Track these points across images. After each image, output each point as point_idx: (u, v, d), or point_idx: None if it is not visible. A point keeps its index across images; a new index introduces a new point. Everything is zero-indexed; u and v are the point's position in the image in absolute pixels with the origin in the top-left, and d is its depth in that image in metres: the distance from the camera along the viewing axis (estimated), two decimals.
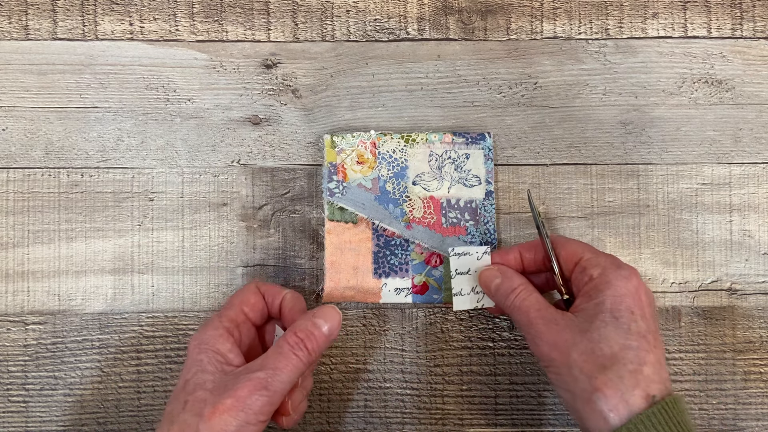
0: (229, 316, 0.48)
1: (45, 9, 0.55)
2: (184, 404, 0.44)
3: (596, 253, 0.47)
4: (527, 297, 0.47)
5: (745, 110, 0.55)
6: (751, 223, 0.55)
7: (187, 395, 0.44)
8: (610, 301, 0.44)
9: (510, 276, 0.49)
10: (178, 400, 0.44)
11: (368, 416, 0.54)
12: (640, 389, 0.41)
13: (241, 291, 0.49)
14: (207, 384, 0.44)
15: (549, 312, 0.46)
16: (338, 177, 0.53)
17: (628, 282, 0.45)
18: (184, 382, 0.45)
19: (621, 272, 0.45)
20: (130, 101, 0.55)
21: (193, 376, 0.45)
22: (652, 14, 0.56)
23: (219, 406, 0.42)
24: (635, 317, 0.44)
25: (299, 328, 0.46)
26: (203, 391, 0.44)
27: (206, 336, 0.46)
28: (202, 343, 0.46)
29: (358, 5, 0.56)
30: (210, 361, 0.45)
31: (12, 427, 0.53)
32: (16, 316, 0.53)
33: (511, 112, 0.55)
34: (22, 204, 0.54)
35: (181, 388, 0.45)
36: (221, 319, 0.47)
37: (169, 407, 0.44)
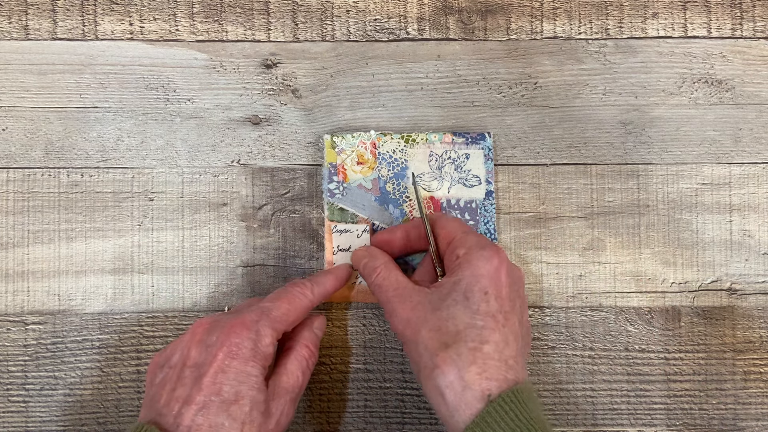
0: (280, 332, 0.46)
1: (45, 9, 0.55)
2: (242, 426, 0.42)
3: (468, 233, 0.48)
4: (387, 276, 0.48)
5: (745, 110, 0.55)
6: (751, 223, 0.55)
7: (244, 416, 0.43)
8: (466, 281, 0.45)
9: (375, 255, 0.50)
10: (232, 417, 0.42)
11: (368, 416, 0.54)
12: (476, 366, 0.42)
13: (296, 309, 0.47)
14: (260, 406, 0.44)
15: (406, 290, 0.47)
16: (338, 177, 0.53)
17: (488, 263, 0.45)
18: (236, 394, 0.43)
19: (483, 252, 0.45)
20: (130, 101, 0.55)
21: (248, 392, 0.43)
22: (652, 14, 0.56)
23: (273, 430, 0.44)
24: (488, 297, 0.44)
25: (310, 341, 0.49)
26: (258, 414, 0.43)
27: (261, 352, 0.45)
28: (257, 356, 0.44)
29: (358, 5, 0.56)
30: (260, 380, 0.44)
31: (12, 427, 0.53)
32: (16, 316, 0.53)
33: (511, 112, 0.55)
34: (22, 204, 0.54)
35: (233, 401, 0.43)
36: (274, 334, 0.46)
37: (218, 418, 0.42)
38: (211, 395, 0.43)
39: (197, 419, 0.42)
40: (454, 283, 0.45)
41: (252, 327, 0.45)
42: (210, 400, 0.42)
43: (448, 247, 0.48)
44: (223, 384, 0.43)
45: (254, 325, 0.45)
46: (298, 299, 0.48)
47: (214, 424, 0.42)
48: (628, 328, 0.54)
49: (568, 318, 0.54)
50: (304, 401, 0.53)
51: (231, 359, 0.44)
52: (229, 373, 0.43)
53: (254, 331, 0.45)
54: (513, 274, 0.46)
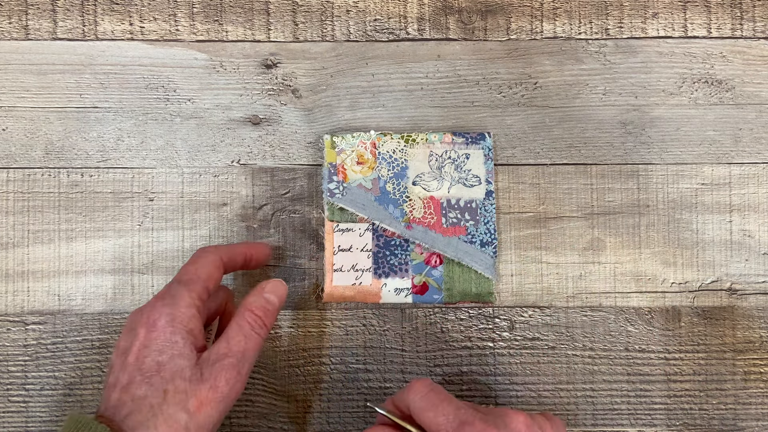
0: (198, 292, 0.45)
1: (45, 9, 0.55)
2: (164, 394, 0.42)
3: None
4: None
5: (745, 110, 0.55)
6: (751, 223, 0.55)
7: (166, 383, 0.42)
8: None
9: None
10: (153, 386, 0.42)
11: (368, 416, 0.54)
12: None
13: (205, 264, 0.47)
14: (185, 372, 0.43)
15: None
16: (338, 177, 0.53)
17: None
18: (157, 364, 0.43)
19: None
20: (130, 101, 0.55)
21: (170, 361, 0.43)
22: (652, 14, 0.56)
23: (202, 398, 0.42)
24: None
25: (255, 305, 0.47)
26: (182, 380, 0.43)
27: (180, 314, 0.44)
28: (176, 321, 0.44)
29: (358, 5, 0.56)
30: (186, 345, 0.43)
31: (12, 427, 0.53)
32: (16, 316, 0.53)
33: (511, 112, 0.55)
34: (22, 204, 0.54)
35: (154, 371, 0.43)
36: (191, 295, 0.45)
37: (139, 390, 0.42)
38: (134, 373, 0.43)
39: (122, 397, 0.42)
40: None
41: (165, 296, 0.45)
42: (133, 378, 0.43)
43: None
44: (145, 358, 0.43)
45: (166, 295, 0.45)
46: (203, 256, 0.47)
47: (136, 396, 0.42)
48: (628, 328, 0.54)
49: (568, 318, 0.54)
50: (303, 401, 0.53)
51: (150, 332, 0.43)
52: (151, 346, 0.43)
53: (168, 298, 0.44)
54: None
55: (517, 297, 0.55)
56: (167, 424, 0.41)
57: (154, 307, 0.44)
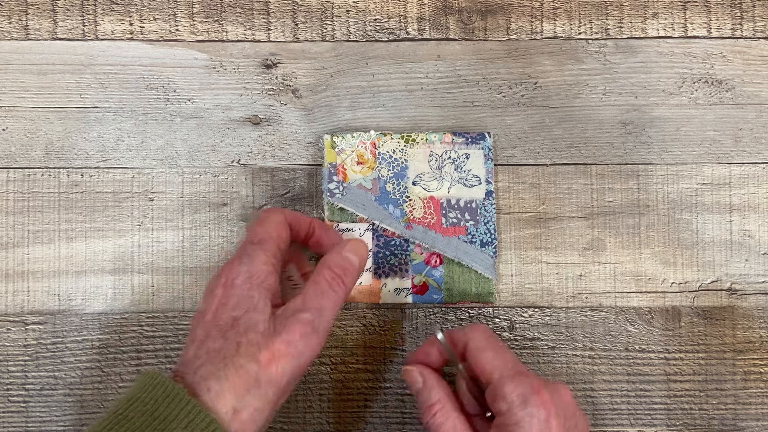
0: (272, 251, 0.46)
1: (45, 9, 0.55)
2: (237, 346, 0.42)
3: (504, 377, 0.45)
4: (444, 421, 0.46)
5: (745, 110, 0.55)
6: (751, 223, 0.55)
7: (239, 336, 0.42)
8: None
9: (429, 386, 0.47)
10: (228, 339, 0.42)
11: (368, 416, 0.54)
12: None
13: (273, 224, 0.47)
14: (259, 326, 0.43)
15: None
16: (338, 177, 0.53)
17: (536, 419, 0.43)
18: (232, 319, 0.43)
19: (528, 410, 0.43)
20: (130, 101, 0.55)
21: (244, 315, 0.43)
22: (652, 14, 0.56)
23: (274, 351, 0.42)
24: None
25: (334, 263, 0.47)
26: (255, 333, 0.43)
27: (258, 270, 0.44)
28: (254, 277, 0.44)
29: (358, 5, 0.56)
30: (261, 300, 0.44)
31: (12, 427, 0.53)
32: (16, 316, 0.54)
33: (511, 112, 0.55)
34: (22, 204, 0.54)
35: (229, 326, 0.43)
36: (266, 253, 0.45)
37: (214, 344, 0.43)
38: (210, 328, 0.43)
39: (197, 351, 0.43)
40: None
41: (241, 256, 0.45)
42: (209, 333, 0.43)
43: (488, 388, 0.46)
44: (222, 315, 0.43)
45: (242, 254, 0.45)
46: (270, 217, 0.47)
47: (210, 349, 0.42)
48: (628, 328, 0.54)
49: (568, 318, 0.54)
50: (303, 401, 0.53)
51: (228, 290, 0.44)
52: (228, 303, 0.44)
53: (245, 258, 0.45)
54: (562, 410, 0.44)
55: (517, 297, 0.55)
56: (237, 374, 0.42)
57: (231, 267, 0.45)
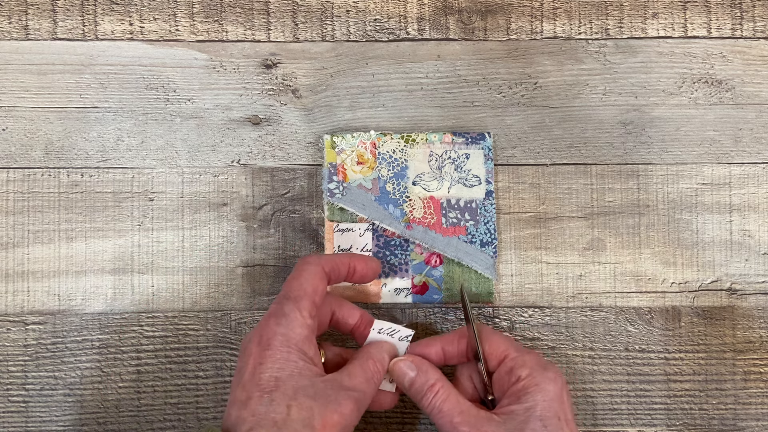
0: (308, 309, 0.45)
1: (45, 9, 0.55)
2: (288, 410, 0.41)
3: (521, 351, 0.46)
4: (447, 398, 0.46)
5: (745, 110, 0.55)
6: (751, 223, 0.55)
7: (289, 400, 0.42)
8: (540, 408, 0.44)
9: (425, 370, 0.47)
10: (275, 401, 0.42)
11: (368, 416, 0.54)
12: None
13: (309, 278, 0.46)
14: (308, 390, 0.42)
15: (476, 417, 0.45)
16: (338, 177, 0.53)
17: (555, 385, 0.45)
18: (276, 381, 0.42)
19: (548, 374, 0.45)
20: (130, 101, 0.55)
21: (289, 378, 0.42)
22: (652, 14, 0.56)
23: (328, 420, 0.42)
24: (561, 424, 0.44)
25: (377, 358, 0.47)
26: (306, 398, 0.42)
27: (294, 334, 0.44)
28: (291, 342, 0.43)
29: (358, 5, 0.56)
30: (305, 365, 0.43)
31: (12, 427, 0.53)
32: (16, 316, 0.53)
33: (511, 112, 0.55)
34: (22, 204, 0.54)
35: (274, 387, 0.42)
36: (302, 313, 0.44)
37: (261, 407, 0.42)
38: (252, 389, 0.42)
39: (241, 413, 0.42)
40: (527, 410, 0.44)
41: (277, 314, 0.44)
42: (251, 394, 0.42)
43: (499, 366, 0.47)
44: (262, 375, 0.43)
45: (279, 313, 0.44)
46: (306, 269, 0.46)
47: (257, 412, 0.41)
48: (628, 328, 0.54)
49: (568, 318, 0.54)
50: None
51: (265, 351, 0.43)
52: (266, 363, 0.43)
53: (281, 317, 0.44)
54: (568, 391, 0.46)
55: (517, 297, 0.55)
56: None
57: (268, 326, 0.44)
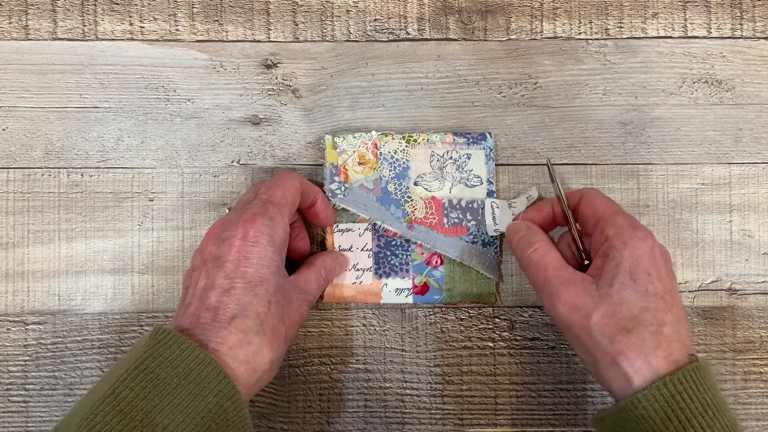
0: (288, 216, 0.47)
1: (45, 9, 0.55)
2: (268, 305, 0.44)
3: (616, 213, 0.47)
4: (546, 254, 0.47)
5: (745, 110, 0.55)
6: (751, 223, 0.55)
7: (270, 296, 0.44)
8: (627, 263, 0.44)
9: (534, 231, 0.49)
10: (259, 296, 0.44)
11: (368, 416, 0.54)
12: (661, 350, 0.42)
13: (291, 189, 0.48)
14: (282, 290, 0.46)
15: (567, 272, 0.46)
16: (340, 178, 0.53)
17: (644, 243, 0.44)
18: (260, 276, 0.44)
19: (637, 233, 0.45)
20: (130, 101, 0.55)
21: (272, 276, 0.45)
22: (652, 14, 0.56)
23: (293, 318, 0.47)
24: (652, 278, 0.44)
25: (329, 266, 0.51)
26: (281, 297, 0.46)
27: (278, 237, 0.46)
28: (274, 242, 0.45)
29: (358, 5, 0.56)
30: (280, 266, 0.46)
31: (12, 427, 0.53)
32: (16, 316, 0.53)
33: (511, 112, 0.55)
34: (22, 204, 0.54)
35: (258, 282, 0.44)
36: (284, 219, 0.47)
37: (245, 297, 0.43)
38: (235, 279, 0.44)
39: (223, 299, 0.43)
40: (616, 266, 0.44)
41: (263, 214, 0.46)
42: (235, 284, 0.44)
43: (595, 228, 0.47)
44: (248, 268, 0.44)
45: (266, 214, 0.46)
46: (289, 181, 0.48)
47: (241, 302, 0.43)
48: None
49: None
50: (303, 401, 0.53)
51: (251, 246, 0.45)
52: (252, 258, 0.44)
53: (267, 218, 0.45)
54: (665, 253, 0.46)
55: (517, 297, 0.55)
56: (273, 333, 0.44)
57: (254, 224, 0.45)
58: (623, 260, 0.44)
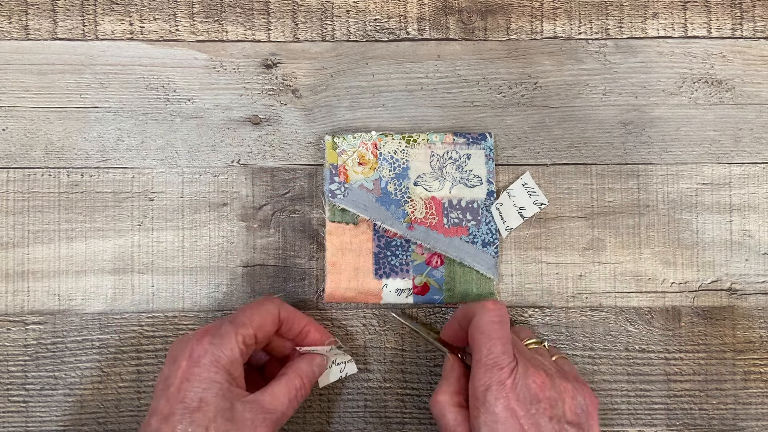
0: (244, 337, 0.46)
1: (45, 9, 0.55)
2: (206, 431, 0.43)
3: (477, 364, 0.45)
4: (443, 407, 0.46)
5: (745, 110, 0.55)
6: (751, 223, 0.55)
7: (209, 421, 0.43)
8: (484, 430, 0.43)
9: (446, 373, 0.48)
10: (195, 422, 0.43)
11: (368, 416, 0.54)
12: None
13: (261, 313, 0.47)
14: (227, 413, 0.43)
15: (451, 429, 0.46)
16: (340, 178, 0.53)
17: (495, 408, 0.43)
18: (200, 400, 0.43)
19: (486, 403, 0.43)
20: (130, 101, 0.55)
21: (213, 399, 0.43)
22: (652, 14, 0.56)
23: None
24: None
25: (305, 374, 0.48)
26: (224, 421, 0.43)
27: (223, 356, 0.44)
28: (219, 363, 0.44)
29: (358, 5, 0.56)
30: (229, 387, 0.44)
31: (12, 427, 0.53)
32: (16, 316, 0.53)
33: (511, 112, 0.55)
34: (22, 204, 0.54)
35: (197, 407, 0.43)
36: (237, 338, 0.45)
37: (181, 425, 0.42)
38: (175, 404, 0.43)
39: (161, 427, 0.43)
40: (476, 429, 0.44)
41: (213, 333, 0.45)
42: (174, 409, 0.43)
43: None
44: (187, 392, 0.43)
45: (215, 332, 0.45)
46: (264, 305, 0.48)
47: (176, 430, 0.42)
48: (628, 328, 0.54)
49: (568, 318, 0.54)
50: (303, 401, 0.53)
51: (193, 367, 0.44)
52: (193, 380, 0.44)
53: (216, 337, 0.45)
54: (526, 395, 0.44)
55: (517, 297, 0.55)
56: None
57: (200, 343, 0.45)
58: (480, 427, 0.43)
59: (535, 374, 0.44)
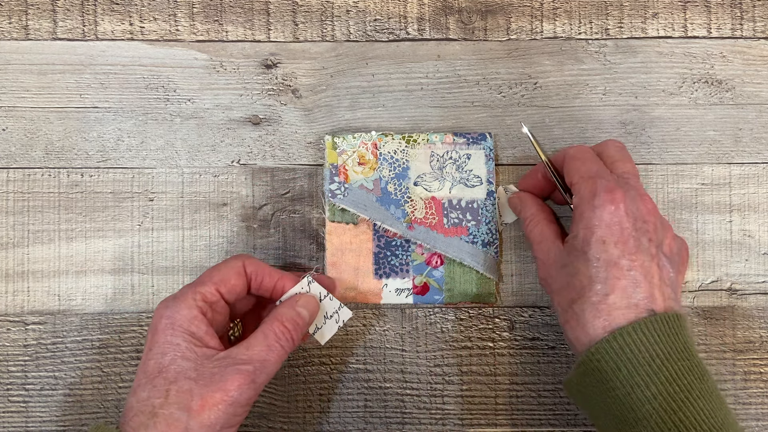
0: (203, 294, 0.45)
1: (45, 9, 0.55)
2: (166, 394, 0.42)
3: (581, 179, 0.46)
4: (533, 228, 0.49)
5: (745, 110, 0.55)
6: (751, 223, 0.55)
7: (169, 384, 0.42)
8: (581, 235, 0.45)
9: (525, 204, 0.51)
10: (156, 387, 0.43)
11: (368, 416, 0.54)
12: (600, 320, 0.43)
13: (222, 268, 0.47)
14: (189, 372, 0.43)
15: (544, 245, 0.48)
16: (340, 178, 0.53)
17: (602, 210, 0.44)
18: (159, 366, 0.43)
19: (594, 202, 0.45)
20: (130, 101, 0.55)
21: (172, 362, 0.43)
22: (652, 14, 0.56)
23: (208, 399, 0.42)
24: (606, 246, 0.44)
25: (286, 318, 0.46)
26: (186, 380, 0.43)
27: (179, 316, 0.44)
28: (175, 324, 0.44)
29: (358, 5, 0.56)
30: (188, 347, 0.44)
31: (12, 427, 0.53)
32: (16, 316, 0.53)
33: (511, 112, 0.55)
34: (22, 204, 0.54)
35: (157, 373, 0.43)
36: (195, 296, 0.45)
37: (143, 392, 0.43)
38: (140, 376, 0.44)
39: (130, 400, 0.43)
40: (573, 237, 0.45)
41: (169, 299, 0.45)
42: (140, 382, 0.44)
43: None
44: (149, 361, 0.44)
45: (171, 296, 0.46)
46: (227, 261, 0.48)
47: (140, 399, 0.43)
48: None
49: None
50: (303, 401, 0.53)
51: (153, 335, 0.45)
52: (154, 349, 0.44)
53: (170, 300, 0.45)
54: (635, 212, 0.45)
55: (517, 297, 0.55)
56: (166, 423, 0.42)
57: (158, 310, 0.45)
58: (578, 232, 0.45)
59: (646, 199, 0.46)
